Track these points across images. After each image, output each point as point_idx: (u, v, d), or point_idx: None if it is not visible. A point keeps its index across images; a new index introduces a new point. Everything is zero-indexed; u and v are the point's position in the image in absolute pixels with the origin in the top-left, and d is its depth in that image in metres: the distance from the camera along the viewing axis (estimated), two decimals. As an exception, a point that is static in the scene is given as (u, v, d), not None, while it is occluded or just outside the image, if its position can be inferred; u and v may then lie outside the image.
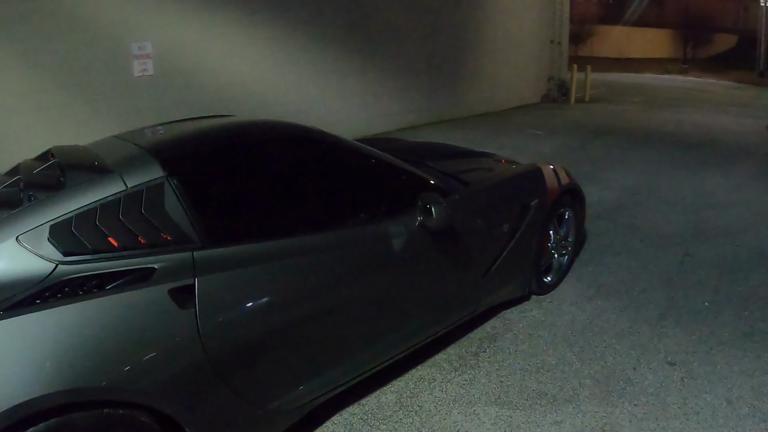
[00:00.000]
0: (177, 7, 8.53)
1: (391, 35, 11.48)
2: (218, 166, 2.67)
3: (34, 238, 2.05)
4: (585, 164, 8.31)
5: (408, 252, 3.02)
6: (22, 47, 7.27)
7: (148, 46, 8.19)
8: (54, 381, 1.88)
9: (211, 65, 9.04)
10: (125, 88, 8.14)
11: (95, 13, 7.75)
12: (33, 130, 7.30)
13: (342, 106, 10.91)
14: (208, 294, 2.24)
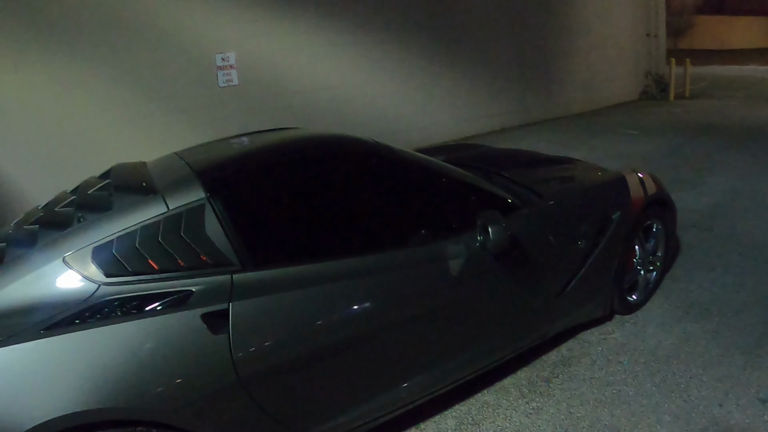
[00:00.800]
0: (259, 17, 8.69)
1: (480, 36, 11.18)
2: (262, 186, 2.63)
3: (79, 259, 2.11)
4: (681, 167, 7.75)
5: (468, 273, 2.79)
6: (112, 62, 7.68)
7: (232, 57, 8.46)
8: (89, 399, 1.92)
9: (295, 73, 9.13)
10: (211, 98, 8.43)
11: (180, 27, 8.08)
12: (123, 140, 7.74)
13: (430, 109, 10.75)
14: (242, 319, 2.19)
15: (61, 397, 1.89)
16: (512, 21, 11.60)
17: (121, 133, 7.82)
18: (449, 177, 3.01)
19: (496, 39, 11.46)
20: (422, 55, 10.46)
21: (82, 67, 7.55)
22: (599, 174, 3.91)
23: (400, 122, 10.20)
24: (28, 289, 2.04)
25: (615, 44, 14.08)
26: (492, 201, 2.96)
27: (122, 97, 7.82)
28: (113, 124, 7.77)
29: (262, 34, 8.74)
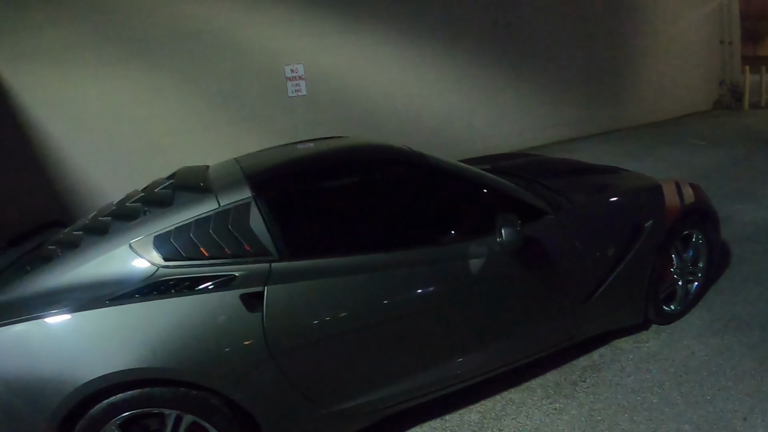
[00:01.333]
0: (326, 31, 9.04)
1: (546, 45, 11.12)
2: (301, 188, 2.95)
3: (143, 246, 2.52)
4: (745, 178, 7.55)
5: (490, 272, 2.96)
6: (187, 72, 8.23)
7: (301, 69, 8.86)
8: (142, 358, 2.30)
9: (360, 83, 9.42)
10: (281, 108, 8.88)
11: (252, 40, 8.53)
12: (195, 146, 8.28)
13: (495, 119, 10.78)
14: (275, 301, 2.51)
15: (119, 355, 2.29)
16: (579, 30, 11.46)
17: (194, 138, 8.35)
18: (479, 183, 3.18)
19: (562, 48, 11.36)
20: (487, 65, 10.52)
21: (159, 76, 8.09)
22: (635, 182, 3.94)
23: (464, 132, 10.30)
24: (99, 268, 2.47)
25: (686, 52, 13.70)
26: (518, 206, 3.09)
27: (196, 105, 8.35)
28: (187, 130, 8.31)
29: (330, 46, 9.07)
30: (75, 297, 2.36)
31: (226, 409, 2.46)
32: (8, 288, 2.48)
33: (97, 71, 7.79)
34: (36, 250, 2.97)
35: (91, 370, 2.26)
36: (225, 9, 8.31)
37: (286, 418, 2.62)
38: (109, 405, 2.30)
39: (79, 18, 7.65)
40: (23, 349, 2.27)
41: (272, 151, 3.69)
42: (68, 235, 2.87)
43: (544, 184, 3.76)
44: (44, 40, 7.49)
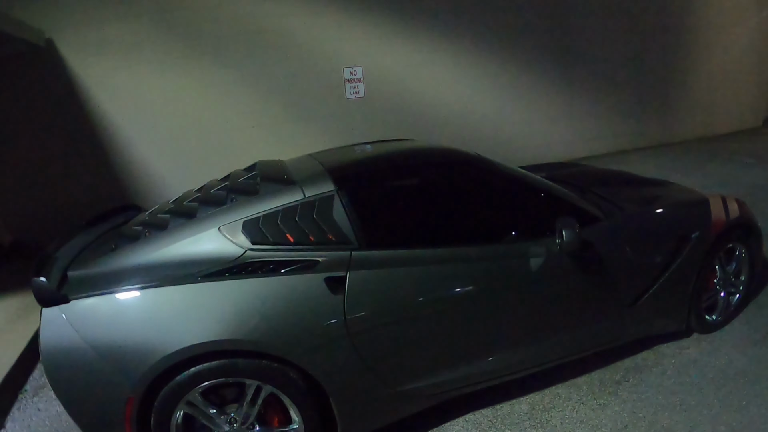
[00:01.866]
0: (385, 36, 9.35)
1: (597, 57, 11.23)
2: (379, 184, 3.20)
3: (231, 230, 2.76)
4: (792, 198, 7.59)
5: (547, 270, 3.17)
6: (248, 73, 8.64)
7: (359, 71, 9.18)
8: (229, 331, 2.55)
9: (416, 88, 9.69)
10: (338, 108, 9.22)
11: (312, 42, 8.88)
12: (256, 142, 8.71)
13: (546, 128, 10.95)
14: (356, 285, 2.76)
15: (209, 327, 2.53)
16: (631, 44, 11.52)
17: (253, 135, 8.74)
18: (539, 189, 3.42)
19: (614, 61, 11.44)
20: (540, 75, 10.69)
21: (222, 73, 8.48)
22: (683, 196, 4.12)
23: (515, 140, 10.50)
24: (189, 249, 2.71)
25: (737, 68, 13.62)
26: (574, 211, 3.32)
27: (256, 103, 8.74)
28: (246, 127, 8.71)
29: (388, 50, 9.37)
30: (165, 273, 2.61)
31: (301, 382, 2.71)
32: (96, 263, 2.72)
33: (162, 66, 8.20)
34: (117, 230, 3.24)
35: (181, 339, 2.50)
36: (288, 11, 8.66)
37: (356, 394, 2.86)
38: (196, 373, 2.55)
39: (146, 14, 8.07)
40: (116, 318, 2.53)
41: (346, 149, 3.99)
42: (153, 218, 3.14)
43: (598, 192, 3.98)
44: (112, 34, 7.94)
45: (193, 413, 2.64)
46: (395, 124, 9.27)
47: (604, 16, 11.10)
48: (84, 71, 7.92)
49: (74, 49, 7.83)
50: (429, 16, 9.54)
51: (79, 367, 2.50)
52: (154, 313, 2.54)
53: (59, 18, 7.69)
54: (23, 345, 4.57)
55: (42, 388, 4.17)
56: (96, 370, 2.50)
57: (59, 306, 2.52)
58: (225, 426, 2.70)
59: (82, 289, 2.56)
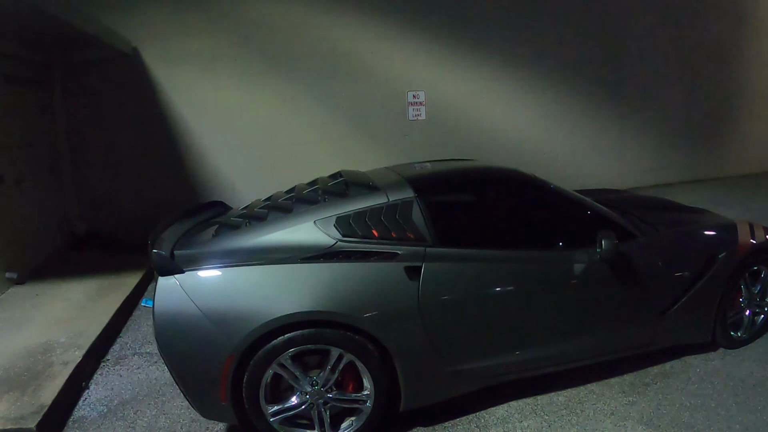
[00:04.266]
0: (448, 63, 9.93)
1: (650, 88, 11.47)
2: (450, 194, 3.91)
3: (325, 224, 3.32)
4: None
5: (588, 277, 3.68)
6: (317, 89, 9.31)
7: (422, 95, 9.77)
8: (323, 303, 3.09)
9: (475, 113, 10.22)
10: (400, 129, 9.84)
11: (379, 64, 9.55)
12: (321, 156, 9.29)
13: (596, 158, 11.27)
14: (429, 274, 3.30)
15: (305, 299, 3.07)
16: (684, 76, 11.71)
17: (319, 149, 9.40)
18: (585, 206, 3.95)
19: (667, 93, 11.64)
20: (593, 106, 11.03)
21: (294, 90, 9.17)
22: (714, 220, 4.57)
23: (567, 168, 10.80)
24: (288, 237, 3.27)
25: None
26: (614, 227, 3.79)
27: (323, 120, 9.41)
28: (313, 141, 9.38)
29: (450, 77, 9.93)
30: (265, 255, 3.17)
31: (377, 354, 3.22)
32: (201, 245, 3.29)
33: (239, 80, 8.90)
34: (211, 221, 3.85)
35: (282, 308, 3.03)
36: (358, 36, 9.33)
37: (420, 369, 3.37)
38: (290, 338, 3.07)
39: (226, 30, 8.80)
40: (225, 288, 3.10)
41: (420, 164, 4.63)
42: (251, 211, 3.71)
43: (636, 214, 4.46)
44: (194, 47, 8.68)
45: (283, 373, 3.16)
46: (453, 146, 9.73)
47: (657, 51, 11.38)
48: (166, 80, 8.65)
49: (158, 58, 8.58)
50: (489, 47, 10.07)
51: (188, 328, 3.03)
52: (260, 286, 3.11)
53: (145, 29, 8.46)
54: (105, 320, 5.14)
55: (123, 359, 4.74)
56: (203, 331, 3.02)
57: (174, 276, 3.07)
58: (308, 387, 3.21)
59: (192, 264, 3.11)
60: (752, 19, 12.58)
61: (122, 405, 3.98)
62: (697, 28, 11.73)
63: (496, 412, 3.69)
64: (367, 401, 3.28)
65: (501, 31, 10.11)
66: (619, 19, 10.99)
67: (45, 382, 3.98)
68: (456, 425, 3.57)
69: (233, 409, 3.17)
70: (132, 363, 4.63)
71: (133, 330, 5.34)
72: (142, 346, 4.96)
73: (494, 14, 10.02)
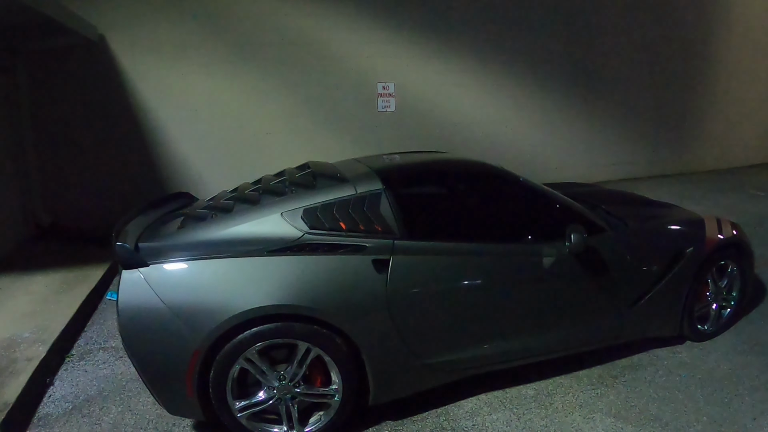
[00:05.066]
0: (418, 55, 9.89)
1: (617, 85, 11.67)
2: (419, 187, 3.84)
3: (292, 216, 3.25)
4: (796, 229, 8.00)
5: (557, 270, 3.68)
6: (286, 78, 9.19)
7: (392, 87, 9.73)
8: (289, 296, 3.03)
9: (444, 106, 10.22)
10: (369, 121, 9.77)
11: (349, 56, 9.46)
12: (289, 146, 9.21)
13: (565, 151, 11.42)
14: (397, 268, 3.26)
15: (273, 292, 3.01)
16: (652, 74, 11.93)
17: (288, 140, 9.28)
18: (554, 200, 3.94)
19: (634, 90, 11.86)
20: (562, 101, 11.17)
21: (263, 79, 9.03)
22: (682, 215, 4.63)
23: (535, 161, 10.93)
24: (254, 229, 3.20)
25: (756, 102, 13.92)
26: (583, 221, 3.80)
27: (292, 110, 9.28)
28: (282, 131, 9.26)
29: (420, 69, 9.90)
30: (231, 248, 3.10)
31: (345, 348, 3.18)
32: (167, 237, 3.20)
33: (208, 69, 8.74)
34: (177, 213, 3.76)
35: (248, 301, 2.97)
36: (328, 26, 9.22)
37: (389, 362, 3.34)
38: (257, 332, 3.01)
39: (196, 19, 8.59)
40: (191, 282, 3.02)
41: (389, 156, 4.56)
42: (217, 203, 3.63)
43: (606, 208, 4.48)
44: (162, 36, 8.50)
45: (250, 368, 3.10)
46: (422, 138, 9.74)
47: (626, 47, 11.56)
48: (134, 68, 8.45)
49: (125, 46, 8.37)
50: (460, 40, 10.08)
51: (153, 323, 2.96)
52: (226, 279, 3.04)
53: (113, 16, 8.23)
54: (70, 314, 5.01)
55: (88, 354, 4.62)
56: (168, 326, 2.95)
57: (139, 269, 2.99)
58: (275, 382, 3.16)
59: (157, 257, 3.03)
60: (722, 17, 12.83)
61: (88, 402, 3.88)
62: (667, 25, 11.95)
63: (465, 406, 3.67)
64: (336, 395, 3.24)
65: (472, 23, 10.12)
66: (588, 13, 11.12)
67: (8, 380, 3.86)
68: (425, 419, 3.55)
69: (200, 405, 3.11)
70: (97, 358, 4.52)
71: (98, 324, 5.22)
72: (108, 340, 4.85)
73: (465, 7, 10.03)
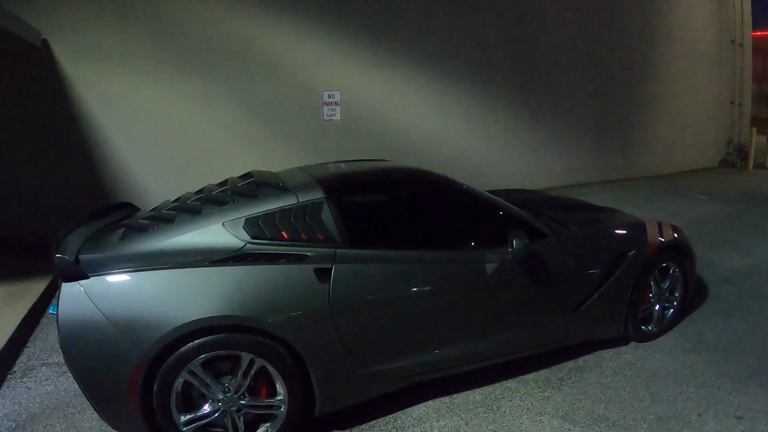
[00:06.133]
0: (364, 63, 9.92)
1: (562, 94, 11.94)
2: (360, 194, 3.83)
3: (234, 225, 3.19)
4: (735, 231, 8.26)
5: (500, 275, 3.69)
6: (235, 89, 9.08)
7: (337, 95, 9.66)
8: (231, 307, 2.97)
9: (390, 114, 10.26)
10: (315, 129, 9.70)
11: (295, 63, 9.38)
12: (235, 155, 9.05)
13: (512, 158, 11.60)
14: (339, 276, 3.23)
15: (215, 303, 2.95)
16: (595, 83, 12.25)
17: (234, 149, 9.15)
18: (497, 207, 3.98)
19: (579, 99, 12.16)
20: (508, 108, 11.37)
21: (209, 87, 8.89)
22: (624, 219, 4.72)
23: (481, 168, 11.06)
24: (196, 239, 3.12)
25: (696, 111, 14.40)
26: (525, 227, 3.84)
27: (238, 118, 9.16)
28: (228, 140, 9.13)
29: (366, 77, 9.92)
30: (172, 259, 3.02)
31: (289, 358, 3.12)
32: (107, 248, 3.11)
33: (152, 75, 8.56)
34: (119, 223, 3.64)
35: (190, 313, 2.90)
36: (276, 33, 9.16)
37: (334, 371, 3.29)
38: (199, 344, 2.94)
39: (142, 25, 8.43)
40: (132, 294, 2.93)
41: (332, 165, 4.54)
42: (159, 213, 3.54)
43: (549, 214, 4.55)
44: (107, 41, 8.27)
45: (194, 381, 3.02)
46: (368, 146, 9.74)
47: (571, 57, 11.85)
48: (77, 74, 8.20)
49: (69, 51, 8.10)
50: (406, 48, 10.15)
51: (94, 336, 2.87)
52: (167, 291, 2.96)
53: (57, 21, 7.96)
54: (11, 329, 4.81)
55: (31, 370, 4.45)
56: (110, 339, 2.86)
57: (79, 281, 2.90)
58: (219, 394, 3.08)
59: (97, 269, 2.94)
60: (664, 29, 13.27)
61: (31, 420, 3.73)
62: (611, 36, 12.30)
63: (412, 413, 3.65)
64: (282, 406, 3.18)
65: (418, 32, 10.21)
66: (535, 24, 11.36)
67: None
68: (373, 427, 3.51)
69: (144, 420, 3.02)
70: (40, 374, 4.36)
71: (41, 339, 5.03)
72: (51, 355, 4.69)
73: (412, 15, 10.11)
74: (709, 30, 14.55)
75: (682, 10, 13.79)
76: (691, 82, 14.14)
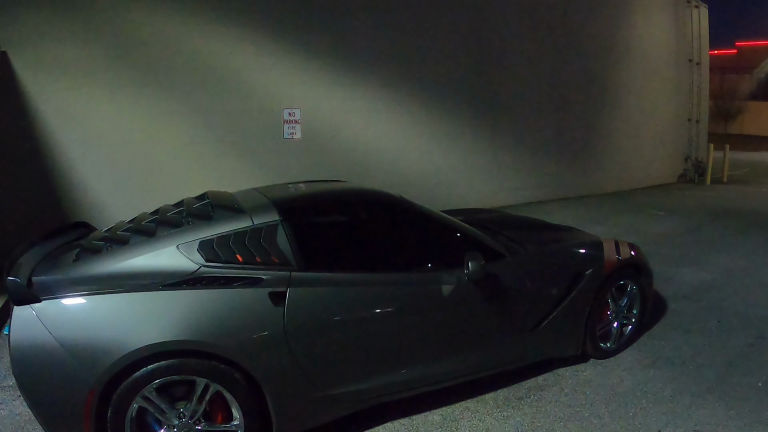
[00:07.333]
0: (324, 82, 9.86)
1: (522, 113, 12.11)
2: (316, 217, 3.80)
3: (188, 248, 3.15)
4: (692, 245, 8.43)
5: (457, 297, 3.69)
6: (193, 105, 8.92)
7: (298, 113, 9.60)
8: (184, 332, 2.92)
9: (351, 133, 10.24)
10: (276, 148, 9.59)
11: (257, 81, 9.29)
12: (195, 173, 8.90)
13: (472, 177, 11.68)
14: (294, 300, 3.20)
15: (168, 328, 2.89)
16: (554, 102, 12.49)
17: (194, 166, 8.99)
18: (453, 228, 4.01)
19: (537, 118, 12.37)
20: (467, 127, 11.49)
21: (169, 104, 8.74)
22: (581, 238, 4.77)
23: (441, 186, 11.13)
24: (150, 262, 3.06)
25: (655, 128, 14.73)
26: (482, 248, 3.85)
27: (199, 136, 9.01)
28: (188, 158, 8.96)
29: (326, 96, 9.87)
30: (126, 282, 2.96)
31: (244, 383, 3.07)
32: (60, 270, 3.04)
33: (112, 91, 8.37)
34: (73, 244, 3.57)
35: (143, 338, 2.84)
36: (237, 49, 9.06)
37: (290, 395, 3.25)
38: (153, 369, 2.88)
39: (102, 39, 8.24)
40: (84, 318, 2.86)
41: (288, 186, 4.50)
42: (113, 234, 3.47)
43: (505, 234, 4.59)
44: (66, 54, 8.04)
45: (148, 407, 2.95)
46: (328, 166, 9.71)
47: (531, 76, 12.05)
48: (36, 88, 7.97)
49: (28, 65, 7.87)
50: (367, 66, 10.16)
51: (47, 361, 2.79)
52: (120, 315, 2.89)
53: (16, 33, 7.73)
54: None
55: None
56: (62, 364, 2.79)
57: (31, 305, 2.82)
58: (175, 420, 3.01)
59: (50, 292, 2.87)
60: (623, 48, 13.57)
61: (-19, 446, 3.63)
62: (569, 55, 12.57)
63: (371, 436, 3.62)
64: (238, 431, 3.13)
65: (379, 50, 10.24)
66: (496, 42, 11.51)
67: None
68: (332, 450, 3.47)
69: None
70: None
71: (-8, 361, 4.89)
72: (5, 379, 4.54)
73: (372, 33, 10.14)
74: (668, 49, 14.93)
75: (641, 29, 14.12)
76: (650, 99, 14.46)
